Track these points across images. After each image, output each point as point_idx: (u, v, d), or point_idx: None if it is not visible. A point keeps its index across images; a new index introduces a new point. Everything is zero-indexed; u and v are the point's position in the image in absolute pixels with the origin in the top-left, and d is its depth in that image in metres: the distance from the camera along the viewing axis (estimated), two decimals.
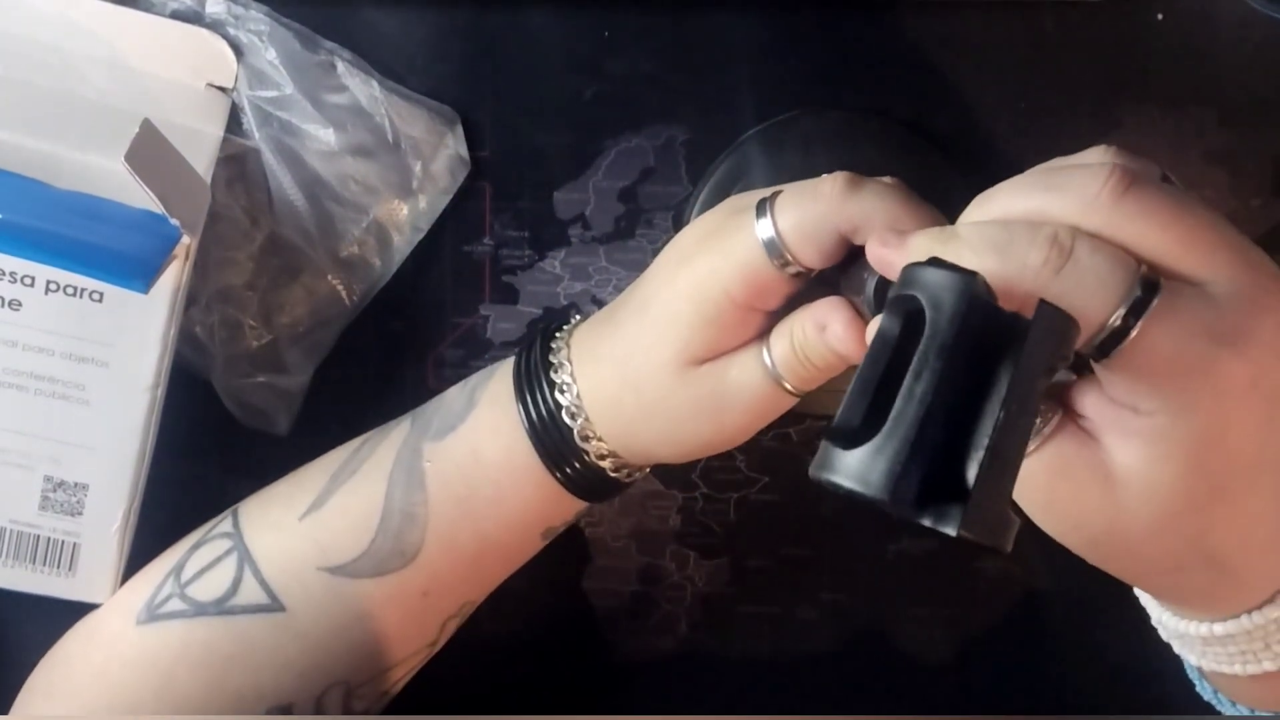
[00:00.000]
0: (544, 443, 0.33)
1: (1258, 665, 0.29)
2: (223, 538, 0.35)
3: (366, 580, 0.34)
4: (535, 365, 0.34)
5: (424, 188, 0.40)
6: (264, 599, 0.34)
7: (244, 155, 0.38)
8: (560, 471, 0.34)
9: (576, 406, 0.33)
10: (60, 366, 0.35)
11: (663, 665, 0.43)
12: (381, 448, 0.35)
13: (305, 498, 0.35)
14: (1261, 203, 0.41)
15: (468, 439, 0.34)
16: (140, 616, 0.34)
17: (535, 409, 0.33)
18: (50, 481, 0.35)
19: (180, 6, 0.38)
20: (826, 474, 0.23)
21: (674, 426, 0.33)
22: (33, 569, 0.35)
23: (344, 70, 0.38)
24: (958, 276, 0.24)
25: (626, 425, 0.33)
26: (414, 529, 0.34)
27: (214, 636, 0.34)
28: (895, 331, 0.25)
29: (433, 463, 0.34)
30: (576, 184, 0.41)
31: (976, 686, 0.43)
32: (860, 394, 0.24)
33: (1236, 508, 0.27)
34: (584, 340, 0.34)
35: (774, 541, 0.43)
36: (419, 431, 0.35)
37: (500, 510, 0.34)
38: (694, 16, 0.40)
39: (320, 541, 0.34)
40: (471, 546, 0.35)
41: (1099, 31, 0.40)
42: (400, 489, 0.34)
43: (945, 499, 0.23)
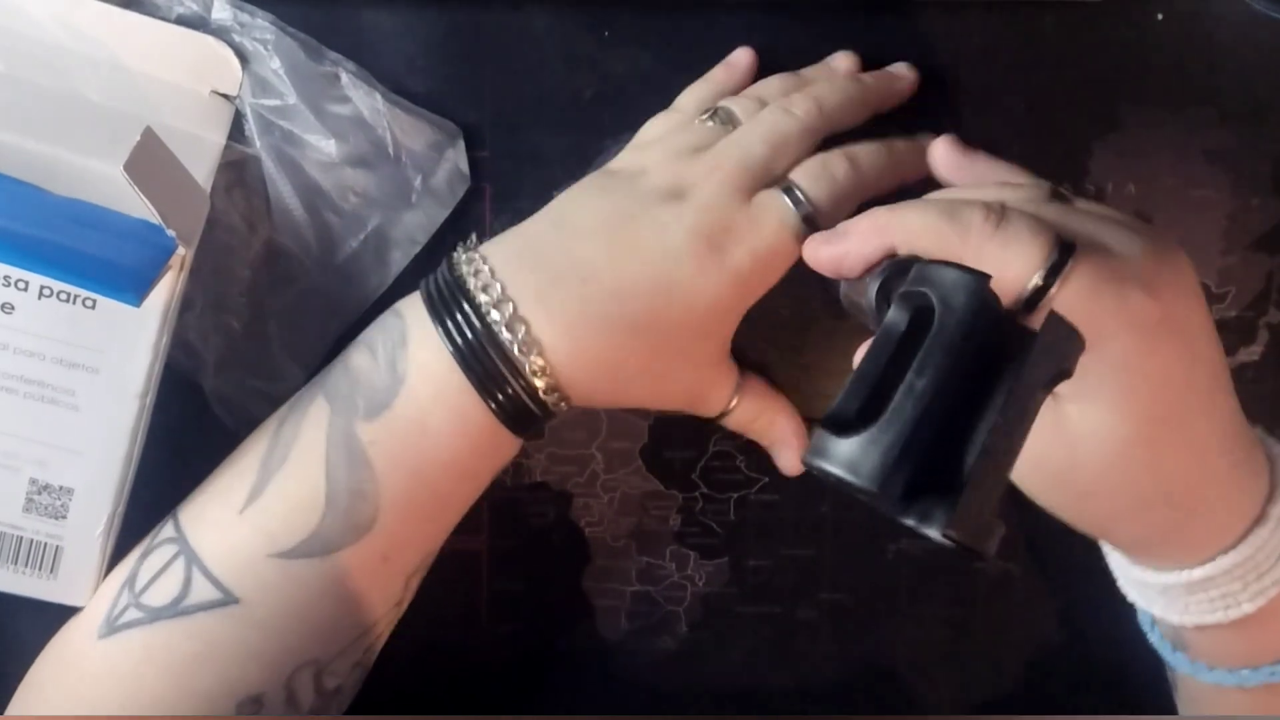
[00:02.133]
0: (475, 370, 0.33)
1: (1238, 608, 0.31)
2: (168, 543, 0.35)
3: (320, 559, 0.34)
4: (452, 292, 0.34)
5: (423, 201, 0.39)
6: (216, 594, 0.33)
7: (244, 162, 0.38)
8: (493, 400, 0.34)
9: (514, 325, 0.33)
10: (50, 371, 0.35)
11: (663, 665, 0.44)
12: (305, 429, 0.34)
13: (241, 489, 0.34)
14: (1261, 203, 0.41)
15: (408, 415, 0.34)
16: (100, 631, 0.34)
17: (463, 336, 0.33)
18: (35, 484, 0.35)
19: (186, 12, 0.37)
20: (818, 460, 0.23)
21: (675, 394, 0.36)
22: (14, 570, 0.35)
23: (347, 81, 0.38)
24: (971, 277, 0.24)
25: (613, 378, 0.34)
26: (364, 504, 0.34)
27: (174, 639, 0.33)
28: (902, 326, 0.25)
29: (374, 440, 0.34)
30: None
31: (976, 686, 0.43)
32: (860, 383, 0.24)
33: (1180, 436, 0.29)
34: (523, 273, 0.33)
35: (774, 541, 0.43)
36: (344, 411, 0.34)
37: (454, 468, 0.35)
38: (694, 16, 0.40)
39: (265, 529, 0.34)
40: (425, 505, 0.35)
41: (1099, 31, 0.40)
42: (342, 469, 0.34)
43: (930, 501, 0.23)
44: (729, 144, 0.35)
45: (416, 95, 0.40)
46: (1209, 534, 0.31)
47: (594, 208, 0.35)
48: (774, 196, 0.34)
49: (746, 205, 0.34)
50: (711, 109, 0.37)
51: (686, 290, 0.33)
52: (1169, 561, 0.32)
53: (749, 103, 0.37)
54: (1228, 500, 0.31)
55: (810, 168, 0.35)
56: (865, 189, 0.35)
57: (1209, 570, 0.31)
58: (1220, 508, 0.31)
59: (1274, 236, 0.41)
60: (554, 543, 0.43)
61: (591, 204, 0.35)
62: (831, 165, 0.35)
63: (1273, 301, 0.41)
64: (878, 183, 0.36)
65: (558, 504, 0.43)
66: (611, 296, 0.33)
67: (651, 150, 0.36)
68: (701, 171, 0.35)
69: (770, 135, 0.35)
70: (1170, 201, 0.41)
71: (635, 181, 0.35)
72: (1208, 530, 0.31)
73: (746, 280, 0.34)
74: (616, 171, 0.36)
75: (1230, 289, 0.41)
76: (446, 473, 0.35)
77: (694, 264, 0.33)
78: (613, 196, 0.35)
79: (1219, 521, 0.31)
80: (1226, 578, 0.31)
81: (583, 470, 0.42)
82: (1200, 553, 0.31)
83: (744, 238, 0.34)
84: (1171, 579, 0.32)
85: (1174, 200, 0.41)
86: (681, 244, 0.33)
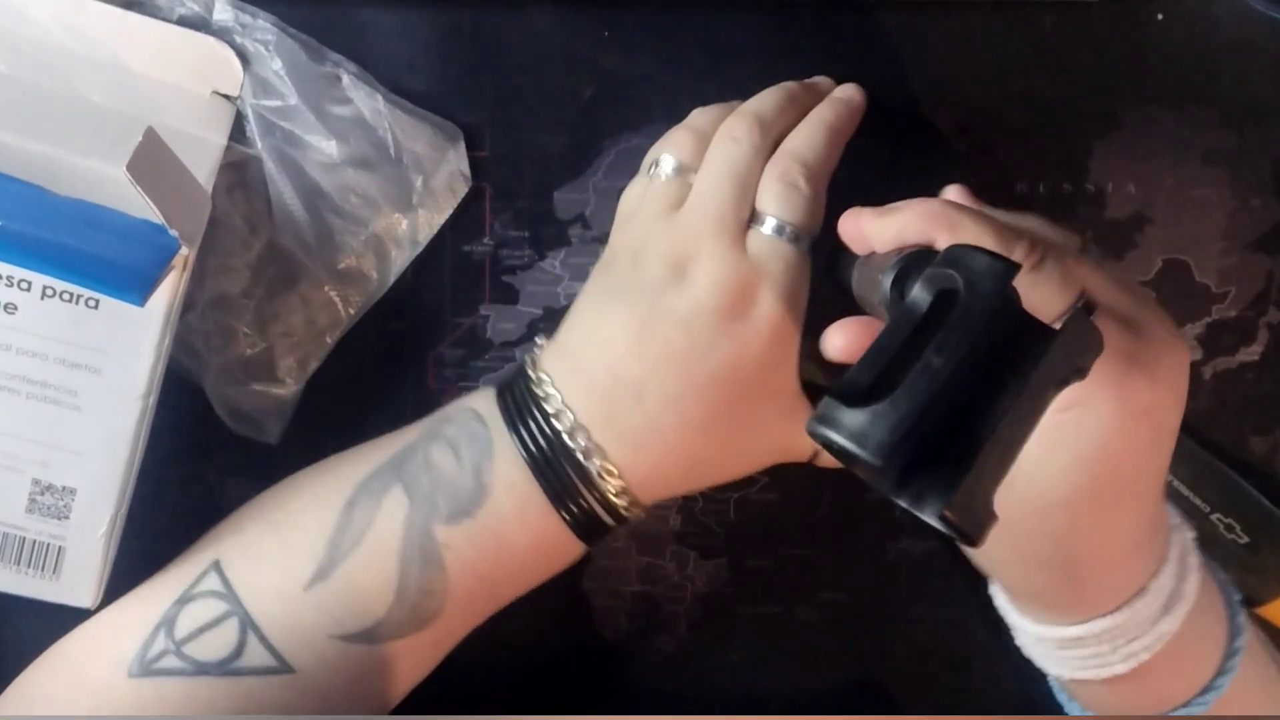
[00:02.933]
0: (551, 483, 0.34)
1: (1110, 668, 0.32)
2: (215, 597, 0.35)
3: (380, 644, 0.35)
4: (525, 403, 0.34)
5: (424, 202, 0.39)
6: (272, 662, 0.34)
7: (245, 163, 0.38)
8: (567, 511, 0.34)
9: (587, 449, 0.34)
10: (53, 371, 0.35)
11: (663, 665, 0.44)
12: (380, 520, 0.35)
13: (307, 565, 0.34)
14: (1261, 203, 0.41)
15: (489, 525, 0.34)
16: (133, 669, 0.34)
17: (539, 448, 0.34)
18: (38, 485, 0.35)
19: (187, 13, 0.37)
20: (824, 428, 0.23)
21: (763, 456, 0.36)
22: (17, 570, 0.35)
23: (348, 83, 0.38)
24: (1001, 264, 0.24)
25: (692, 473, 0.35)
26: (432, 601, 0.34)
27: (218, 695, 0.34)
28: (924, 306, 0.25)
29: (450, 545, 0.34)
30: (576, 184, 0.41)
31: (976, 686, 0.43)
32: (876, 357, 0.24)
33: (1104, 517, 0.30)
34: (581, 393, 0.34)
35: (774, 541, 0.43)
36: (423, 511, 0.34)
37: (522, 578, 0.36)
38: (694, 16, 0.40)
39: (331, 611, 0.34)
40: (488, 605, 0.36)
41: (1099, 31, 0.40)
42: (416, 568, 0.34)
43: (926, 483, 0.23)
44: (698, 198, 0.35)
45: (417, 96, 0.40)
46: (1085, 601, 0.32)
47: (614, 319, 0.34)
48: (761, 239, 0.34)
49: (745, 256, 0.34)
50: (654, 162, 0.37)
51: (732, 369, 0.33)
52: (1048, 615, 0.33)
53: (687, 142, 0.36)
54: (1117, 574, 0.32)
55: (773, 190, 0.35)
56: (823, 175, 0.36)
57: (1080, 631, 0.32)
58: (1108, 580, 0.32)
59: (1274, 236, 0.41)
60: None
61: (611, 315, 0.35)
62: (788, 175, 0.35)
63: (1273, 301, 0.41)
64: (829, 161, 0.36)
65: None
66: (664, 404, 0.33)
67: (632, 225, 0.36)
68: (689, 240, 0.34)
69: (729, 170, 0.35)
70: (1170, 201, 0.41)
71: (636, 273, 0.35)
72: (1085, 598, 0.32)
73: (780, 327, 0.34)
74: (614, 260, 0.36)
75: (1230, 289, 0.41)
76: (513, 579, 0.36)
77: (728, 343, 0.33)
78: (624, 300, 0.34)
79: (1098, 594, 0.32)
80: (1096, 640, 0.32)
81: None
82: (1077, 615, 0.32)
83: (760, 292, 0.34)
84: (1045, 632, 0.33)
85: (1174, 200, 0.41)
86: (708, 330, 0.33)
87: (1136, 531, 0.31)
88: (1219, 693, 0.33)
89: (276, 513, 0.36)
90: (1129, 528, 0.31)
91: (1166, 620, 0.32)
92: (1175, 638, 0.32)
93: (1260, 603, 0.41)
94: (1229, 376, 0.42)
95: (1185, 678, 0.33)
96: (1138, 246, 0.41)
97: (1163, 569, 0.32)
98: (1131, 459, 0.30)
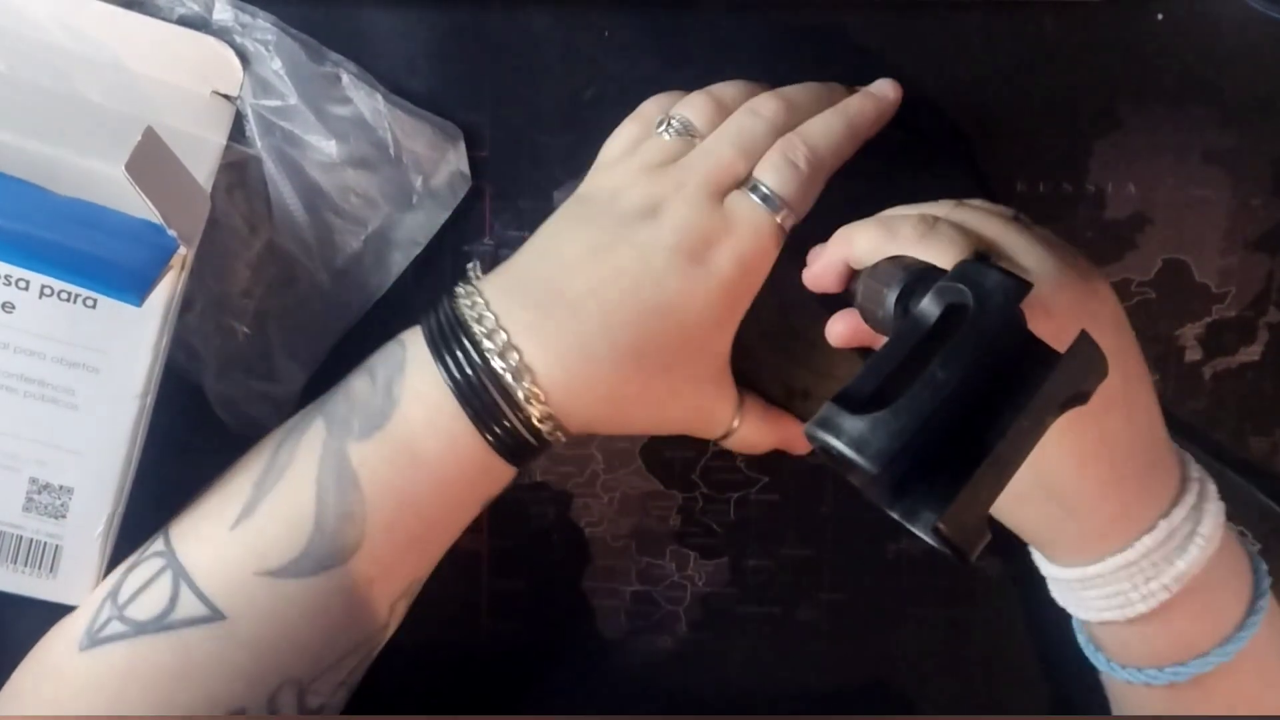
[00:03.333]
0: (472, 402, 0.33)
1: (1132, 608, 0.33)
2: (155, 556, 0.35)
3: (308, 578, 0.34)
4: (450, 328, 0.34)
5: (424, 202, 0.39)
6: (203, 610, 0.34)
7: (245, 163, 0.38)
8: (490, 432, 0.34)
9: (508, 358, 0.33)
10: (51, 370, 0.35)
11: (663, 665, 0.44)
12: (300, 450, 0.35)
13: (233, 507, 0.34)
14: (1261, 203, 0.41)
15: (399, 437, 0.34)
16: (82, 643, 0.34)
17: (461, 370, 0.33)
18: (35, 483, 0.35)
19: (187, 13, 0.37)
20: (824, 433, 0.23)
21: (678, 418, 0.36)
22: (13, 569, 0.35)
23: (348, 82, 0.38)
24: (1013, 282, 0.25)
25: (612, 407, 0.34)
26: (352, 526, 0.34)
27: (158, 653, 0.33)
28: (932, 319, 0.25)
29: (364, 462, 0.34)
30: (576, 184, 0.41)
31: (977, 686, 0.43)
32: (879, 367, 0.24)
33: (1077, 443, 0.31)
34: (515, 308, 0.34)
35: (774, 541, 0.43)
36: (338, 433, 0.34)
37: (441, 493, 0.35)
38: (694, 16, 0.40)
39: (255, 547, 0.34)
40: (413, 530, 0.35)
41: (1099, 31, 0.40)
42: (331, 492, 0.34)
43: (920, 497, 0.23)
44: (698, 154, 0.35)
45: (417, 96, 0.40)
46: (1095, 535, 0.33)
47: (574, 238, 0.35)
48: (743, 199, 0.35)
49: (720, 211, 0.34)
50: (666, 119, 0.37)
51: (675, 308, 0.33)
52: (1065, 557, 0.34)
53: (705, 108, 0.37)
54: (1107, 503, 0.32)
55: (772, 160, 0.35)
56: (829, 165, 0.36)
57: (1099, 568, 0.33)
58: (1099, 510, 0.32)
59: (1274, 236, 0.41)
60: (554, 543, 0.43)
61: (571, 234, 0.35)
62: (792, 153, 0.35)
63: (1273, 301, 0.41)
64: (840, 153, 0.36)
65: (558, 504, 0.43)
66: (602, 326, 0.33)
67: (618, 169, 0.36)
68: (671, 185, 0.35)
69: (738, 138, 0.35)
70: (1170, 201, 0.41)
71: (610, 205, 0.35)
72: (1093, 531, 0.33)
73: (733, 287, 0.34)
74: (590, 196, 0.36)
75: (1230, 289, 0.41)
76: (435, 499, 0.35)
77: (678, 281, 0.33)
78: (591, 225, 0.35)
79: (1103, 523, 0.33)
80: (1115, 577, 0.33)
81: (583, 470, 0.42)
82: (1091, 552, 0.33)
83: (722, 245, 0.34)
84: (1066, 573, 0.34)
85: (1174, 200, 0.41)
86: (663, 263, 0.33)
87: (1114, 456, 0.32)
88: (1239, 645, 0.33)
89: (221, 473, 0.36)
90: (1097, 452, 0.32)
91: (1182, 559, 0.32)
92: (1196, 581, 0.32)
93: None
94: (1229, 376, 0.42)
95: (1207, 625, 0.34)
96: (1138, 246, 0.41)
97: (1173, 510, 0.32)
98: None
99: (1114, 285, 0.41)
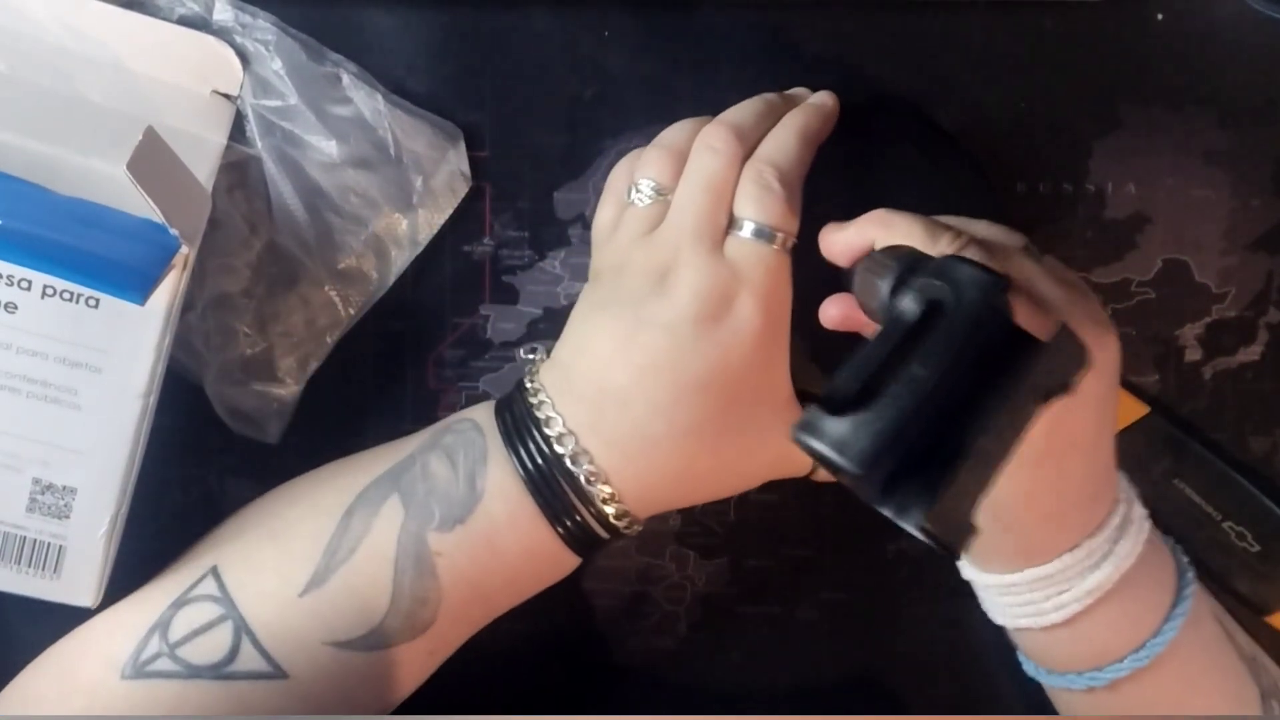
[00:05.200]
0: (550, 502, 0.34)
1: (1044, 617, 0.34)
2: (210, 601, 0.35)
3: (375, 652, 0.35)
4: (524, 425, 0.35)
5: (424, 202, 0.40)
6: (266, 667, 0.34)
7: (245, 163, 0.38)
8: (561, 525, 0.35)
9: (590, 472, 0.34)
10: (53, 370, 0.35)
11: (663, 665, 0.44)
12: (377, 528, 0.35)
13: (300, 572, 0.35)
14: (1261, 203, 0.41)
15: (481, 532, 0.35)
16: (125, 670, 0.34)
17: (537, 469, 0.34)
18: (39, 484, 0.35)
19: (187, 13, 0.37)
20: (806, 436, 0.23)
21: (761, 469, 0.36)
22: (17, 570, 0.35)
23: (349, 82, 0.38)
24: (988, 276, 0.24)
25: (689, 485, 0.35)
26: (426, 610, 0.35)
27: (211, 699, 0.34)
28: (913, 316, 0.25)
29: (442, 551, 0.34)
30: (576, 184, 0.41)
31: (976, 686, 0.43)
32: (861, 366, 0.24)
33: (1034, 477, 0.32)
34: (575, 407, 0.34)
35: (774, 541, 0.43)
36: (418, 518, 0.35)
37: (514, 586, 0.36)
38: (694, 16, 0.40)
39: (325, 618, 0.34)
40: (481, 616, 0.37)
41: (1099, 31, 0.40)
42: (409, 576, 0.34)
43: (909, 494, 0.23)
44: (675, 212, 0.35)
45: (417, 96, 0.40)
46: (1026, 551, 0.34)
47: (600, 329, 0.35)
48: (740, 243, 0.34)
49: (723, 261, 0.34)
50: (631, 186, 0.37)
51: (717, 373, 0.33)
52: (989, 564, 0.35)
53: (661, 162, 0.36)
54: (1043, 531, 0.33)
55: (747, 192, 0.35)
56: (797, 176, 0.36)
57: (1014, 578, 0.34)
58: (1035, 535, 0.33)
59: (1274, 236, 0.41)
60: None
61: (597, 326, 0.35)
62: (760, 178, 0.35)
63: (1273, 301, 0.41)
64: (803, 162, 0.36)
65: None
66: (654, 413, 0.34)
67: (610, 247, 0.36)
68: (668, 251, 0.34)
69: (706, 181, 0.35)
70: (1170, 201, 0.41)
71: (619, 287, 0.35)
72: (1024, 548, 0.34)
73: (762, 329, 0.34)
74: (599, 275, 0.37)
75: (1230, 289, 0.41)
76: (506, 590, 0.36)
77: (710, 345, 0.33)
78: (608, 312, 0.35)
79: (1035, 543, 0.33)
80: (1029, 587, 0.34)
81: None
82: (1014, 564, 0.34)
83: (740, 296, 0.34)
84: (986, 579, 0.35)
85: (1174, 200, 0.41)
86: (690, 335, 0.33)
87: (1062, 494, 0.33)
88: (1155, 651, 0.34)
89: (275, 521, 0.36)
90: (1052, 490, 0.32)
91: (1095, 575, 0.33)
92: (1110, 595, 0.33)
93: (1271, 610, 0.41)
94: (1229, 376, 0.42)
95: (1124, 632, 0.34)
96: (1138, 246, 0.41)
97: (1099, 531, 0.33)
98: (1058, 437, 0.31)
99: (1114, 285, 0.41)
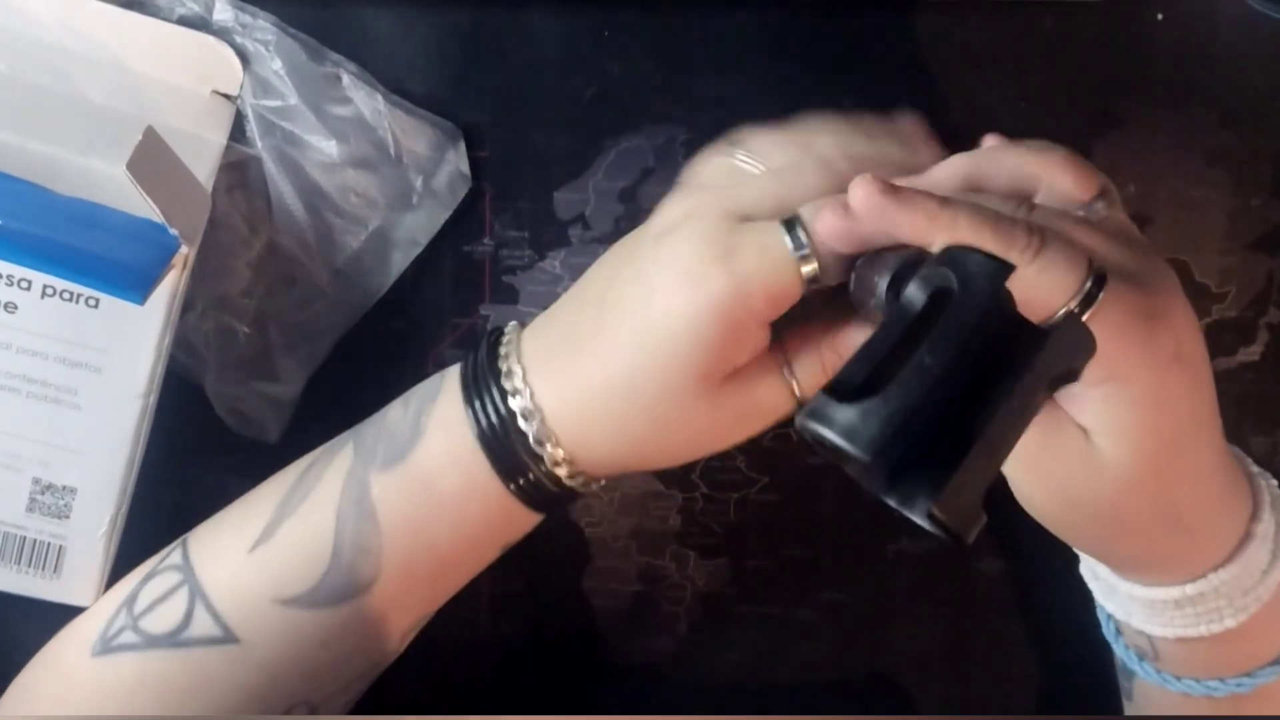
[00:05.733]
0: (496, 452, 0.32)
1: (1221, 623, 0.32)
2: (173, 570, 0.35)
3: (322, 609, 0.33)
4: (483, 372, 0.33)
5: (424, 202, 0.40)
6: (217, 631, 0.33)
7: (245, 163, 0.38)
8: (514, 482, 0.33)
9: (529, 412, 0.32)
10: (53, 370, 0.35)
11: (663, 665, 0.44)
12: (327, 476, 0.34)
13: (254, 528, 0.34)
14: (1261, 203, 0.41)
15: (419, 469, 0.33)
16: (95, 648, 0.34)
17: (487, 417, 0.32)
18: (39, 484, 0.35)
19: (187, 13, 0.37)
20: (815, 423, 0.23)
21: (693, 443, 0.32)
22: (18, 570, 0.35)
23: (349, 83, 0.38)
24: (995, 264, 0.25)
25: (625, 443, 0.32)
26: (367, 560, 0.33)
27: (169, 669, 0.33)
28: (918, 306, 0.25)
29: (383, 495, 0.33)
30: (576, 184, 0.41)
31: (976, 686, 0.43)
32: (868, 355, 0.24)
33: (1186, 463, 0.31)
34: (538, 351, 0.32)
35: (774, 541, 0.43)
36: (364, 460, 0.33)
37: (458, 534, 0.34)
38: (694, 16, 0.40)
39: (272, 574, 0.33)
40: (428, 569, 0.34)
41: (1099, 31, 0.40)
42: (350, 522, 0.33)
43: (916, 483, 0.23)
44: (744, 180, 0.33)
45: (417, 96, 0.40)
46: (1203, 553, 0.32)
47: (598, 268, 0.33)
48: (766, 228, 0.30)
49: (731, 231, 0.30)
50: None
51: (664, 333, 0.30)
52: (1163, 578, 0.32)
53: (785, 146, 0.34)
54: (1221, 519, 0.32)
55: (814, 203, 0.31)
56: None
57: (1200, 587, 0.32)
58: (1215, 527, 0.32)
59: (1274, 236, 0.41)
60: (554, 543, 0.43)
61: (599, 266, 0.33)
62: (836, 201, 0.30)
63: (1273, 301, 0.41)
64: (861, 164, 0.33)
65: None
66: (598, 362, 0.31)
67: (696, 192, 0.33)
68: (693, 203, 0.32)
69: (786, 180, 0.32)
70: (1170, 201, 0.41)
71: (639, 232, 0.33)
72: (1203, 550, 0.32)
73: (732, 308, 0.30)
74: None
75: (1230, 289, 0.41)
76: (452, 538, 0.33)
77: (666, 300, 0.30)
78: (614, 253, 0.33)
79: (1213, 541, 0.32)
80: (1215, 594, 0.32)
81: None
82: (1193, 570, 0.32)
83: (723, 263, 0.30)
84: (1161, 594, 0.32)
85: (1174, 200, 0.41)
86: (655, 283, 0.30)
87: (1219, 467, 0.31)
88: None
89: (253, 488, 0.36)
90: (1211, 466, 0.31)
91: (1277, 568, 0.32)
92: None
93: None
94: (1229, 376, 0.42)
95: (1277, 632, 0.33)
96: None
97: (1260, 512, 0.32)
98: (1182, 406, 0.30)
99: None
